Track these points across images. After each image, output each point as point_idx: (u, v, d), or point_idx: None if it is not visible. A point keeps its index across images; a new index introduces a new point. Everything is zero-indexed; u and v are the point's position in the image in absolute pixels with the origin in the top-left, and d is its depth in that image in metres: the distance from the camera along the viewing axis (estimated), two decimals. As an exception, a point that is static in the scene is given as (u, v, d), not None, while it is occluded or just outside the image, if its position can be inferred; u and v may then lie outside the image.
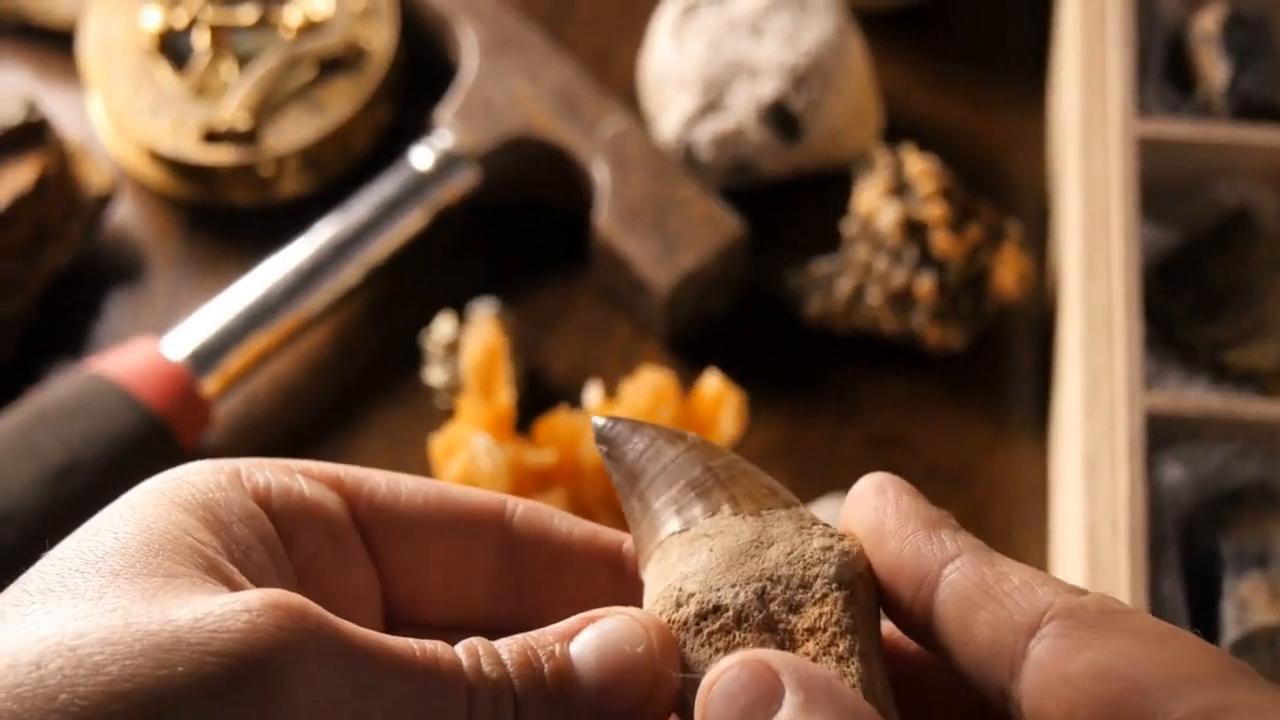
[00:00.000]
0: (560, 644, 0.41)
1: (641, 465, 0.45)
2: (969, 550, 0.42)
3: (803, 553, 0.43)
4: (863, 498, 0.44)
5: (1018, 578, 0.41)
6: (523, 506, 0.46)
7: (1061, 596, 0.40)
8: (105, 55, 0.92)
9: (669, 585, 0.43)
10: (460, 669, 0.40)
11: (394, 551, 0.45)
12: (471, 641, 0.41)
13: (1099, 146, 0.84)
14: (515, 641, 0.41)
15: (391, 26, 0.93)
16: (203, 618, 0.37)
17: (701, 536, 0.44)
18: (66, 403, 0.81)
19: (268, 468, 0.43)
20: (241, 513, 0.42)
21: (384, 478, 0.45)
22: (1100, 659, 0.39)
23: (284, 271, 0.86)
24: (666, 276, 0.86)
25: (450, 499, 0.45)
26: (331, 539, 0.44)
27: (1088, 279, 0.80)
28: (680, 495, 0.44)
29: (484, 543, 0.45)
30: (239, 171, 0.90)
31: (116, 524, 0.40)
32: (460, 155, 0.89)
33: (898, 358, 0.90)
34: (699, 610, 0.42)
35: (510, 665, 0.41)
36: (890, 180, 0.87)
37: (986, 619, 0.41)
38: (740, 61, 0.90)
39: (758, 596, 0.42)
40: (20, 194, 0.86)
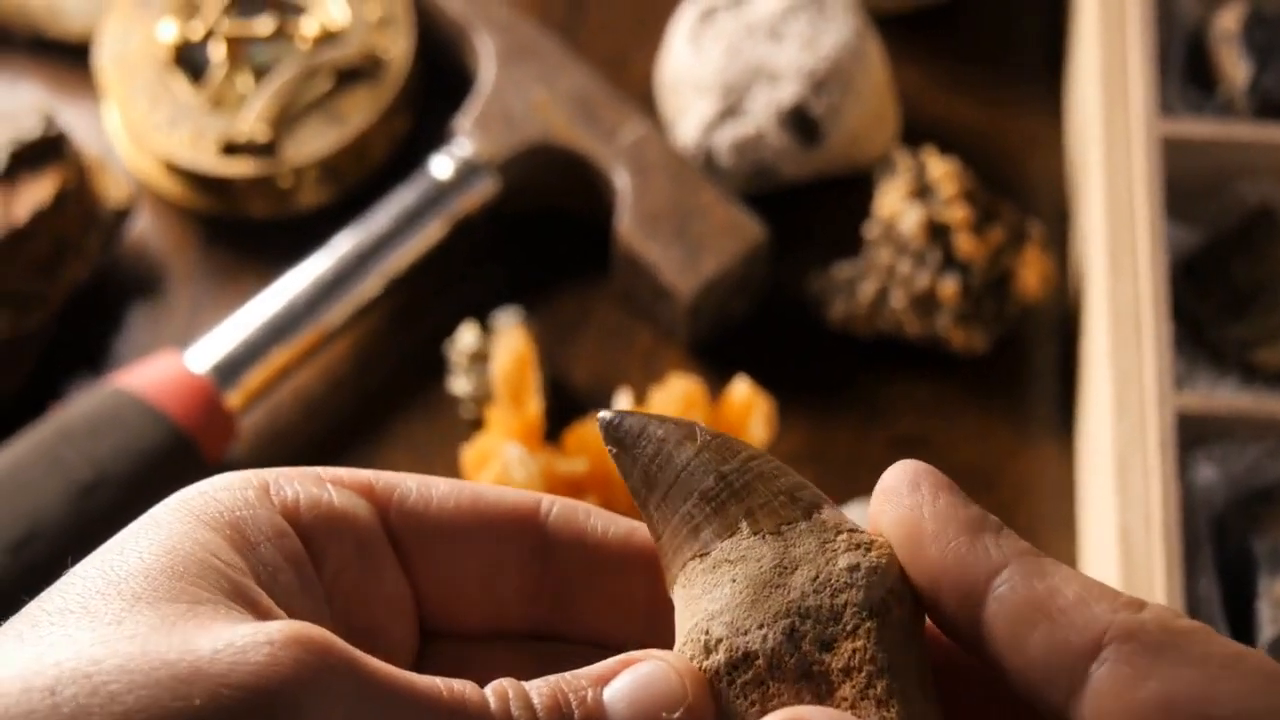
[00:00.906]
0: (594, 689, 0.40)
1: (653, 474, 0.43)
2: (1015, 558, 0.40)
3: (829, 577, 0.41)
4: (895, 494, 0.42)
5: (1071, 591, 0.39)
6: (558, 506, 0.45)
7: (1120, 615, 0.39)
8: (122, 68, 0.91)
9: (696, 626, 0.42)
10: (487, 710, 0.39)
11: (427, 559, 0.44)
12: (502, 683, 0.40)
13: (1121, 146, 0.84)
14: (547, 684, 0.40)
15: (408, 36, 0.93)
16: (223, 649, 0.36)
17: (723, 563, 0.42)
18: (91, 418, 0.80)
19: (296, 479, 0.43)
20: (270, 531, 0.41)
21: (416, 482, 0.44)
22: (1166, 689, 0.38)
23: (306, 283, 0.85)
24: (690, 283, 0.86)
25: (484, 502, 0.44)
26: (361, 550, 0.43)
27: (1114, 280, 0.80)
28: (695, 511, 0.43)
29: (518, 546, 0.44)
30: (257, 183, 0.90)
31: (141, 543, 0.39)
32: (480, 164, 0.89)
33: (921, 360, 0.89)
34: (729, 659, 0.41)
35: (540, 710, 0.40)
36: (912, 183, 0.87)
37: (1041, 639, 0.39)
38: (759, 66, 0.90)
39: (787, 637, 0.41)
40: (40, 208, 0.85)
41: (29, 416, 0.84)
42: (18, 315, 0.85)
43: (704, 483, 0.43)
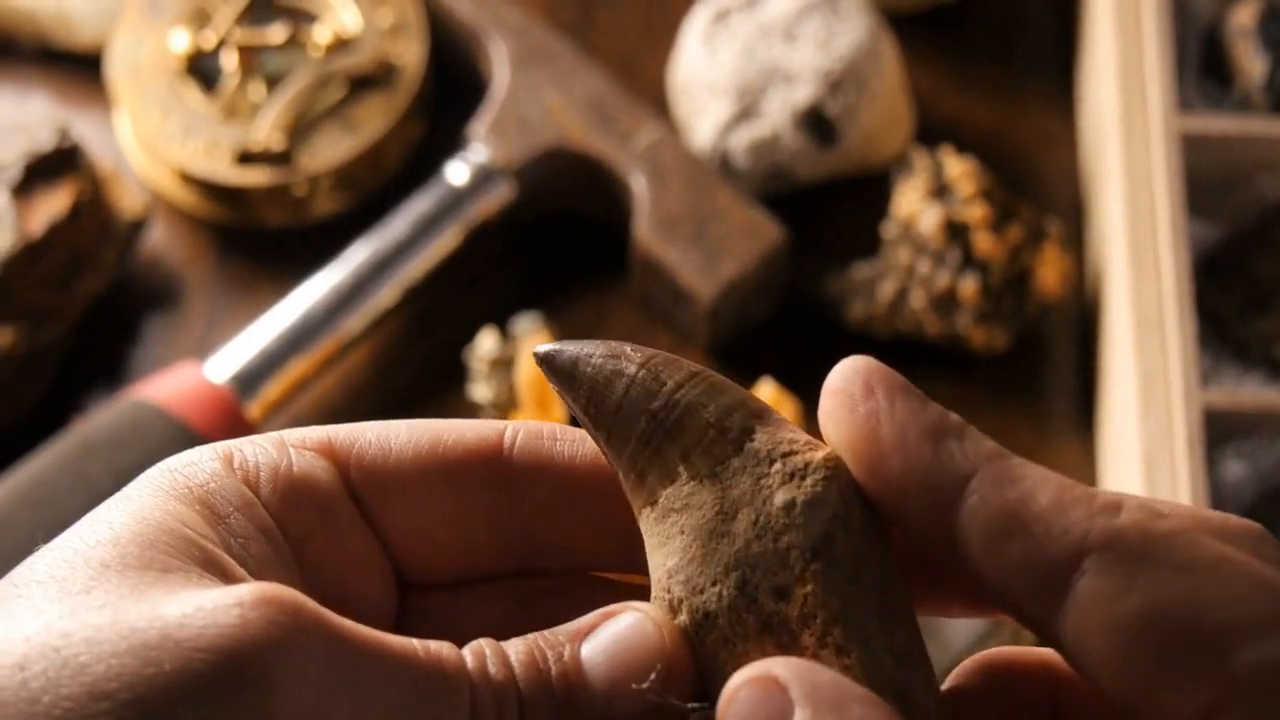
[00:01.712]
0: (571, 644, 0.40)
1: (594, 416, 0.41)
2: (984, 464, 0.38)
3: (768, 520, 0.40)
4: (847, 399, 0.39)
5: (1045, 498, 0.37)
6: (522, 433, 0.43)
7: (1098, 520, 0.37)
8: (134, 78, 0.91)
9: (659, 584, 0.41)
10: (464, 670, 0.38)
11: (392, 512, 0.42)
12: (479, 643, 0.39)
13: (1140, 143, 0.84)
14: (524, 642, 0.40)
15: (421, 42, 0.92)
16: (192, 613, 0.36)
17: (670, 513, 0.41)
18: (113, 431, 0.80)
19: (259, 444, 0.42)
20: (238, 502, 0.40)
21: (375, 433, 0.42)
22: (1150, 599, 0.36)
23: (324, 292, 0.85)
24: (709, 286, 0.86)
25: (443, 442, 0.42)
26: (324, 514, 0.42)
27: (1135, 277, 0.80)
28: (637, 455, 0.41)
29: (484, 483, 0.42)
30: (272, 192, 0.90)
31: (111, 514, 0.39)
32: (495, 169, 0.89)
33: (940, 360, 0.89)
34: (693, 621, 0.40)
35: (517, 667, 0.39)
36: (930, 183, 0.87)
37: (1017, 552, 0.37)
38: (774, 67, 0.90)
39: (740, 591, 0.40)
40: (56, 221, 0.85)
41: (49, 429, 0.83)
42: (35, 329, 0.84)
43: (637, 426, 0.41)
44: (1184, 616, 0.36)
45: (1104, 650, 0.37)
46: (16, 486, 0.78)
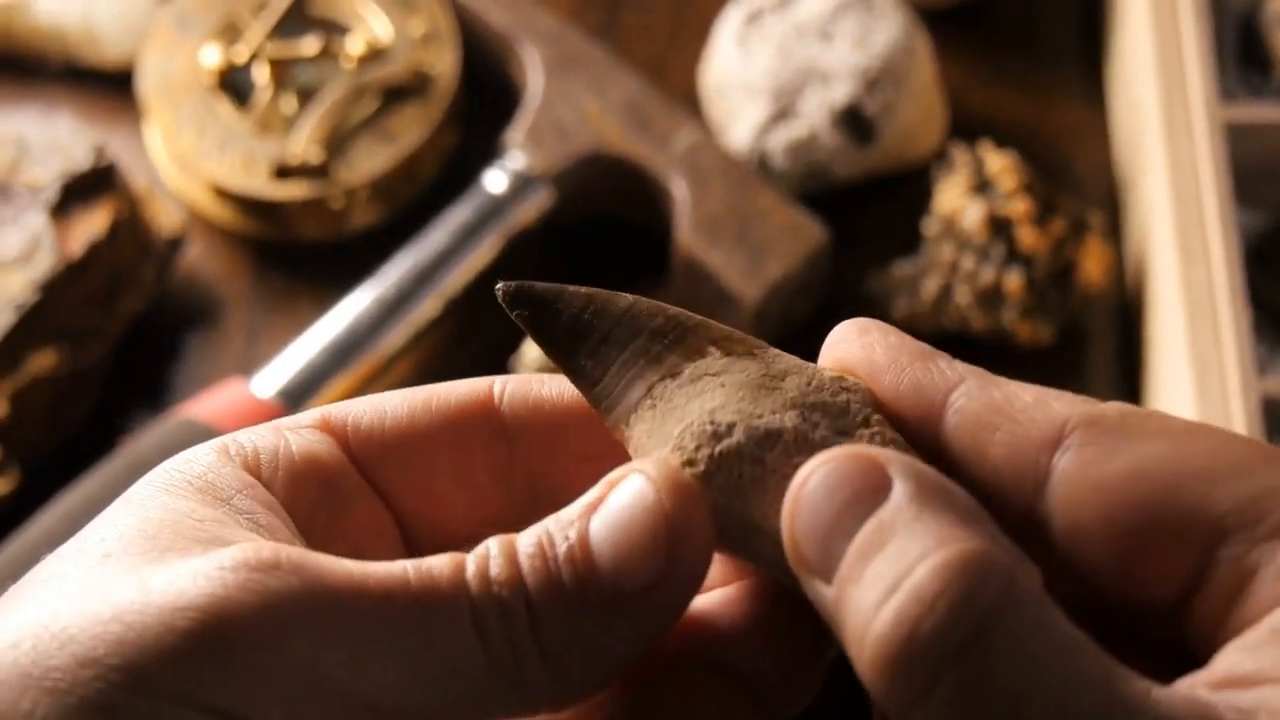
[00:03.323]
0: (580, 521, 0.39)
1: (586, 320, 0.41)
2: (971, 375, 0.40)
3: (821, 382, 0.40)
4: (845, 339, 0.42)
5: (1029, 395, 0.39)
6: (511, 383, 0.43)
7: (1079, 407, 0.39)
8: (166, 95, 0.90)
9: (692, 423, 0.40)
10: (462, 583, 0.38)
11: (394, 477, 0.43)
12: (486, 544, 0.38)
13: (1183, 134, 0.84)
14: (532, 534, 0.39)
15: (454, 50, 0.92)
16: (175, 578, 0.36)
17: (703, 376, 0.41)
18: (163, 450, 0.79)
19: (256, 432, 0.42)
20: (239, 485, 0.40)
21: (368, 404, 0.43)
22: (1132, 462, 0.38)
23: (369, 304, 0.85)
24: (755, 288, 0.85)
25: (436, 402, 0.43)
26: (329, 488, 0.42)
27: (1185, 267, 0.80)
28: (650, 344, 0.41)
29: (479, 435, 0.43)
30: (309, 205, 0.89)
31: (114, 516, 0.39)
32: (533, 176, 0.88)
33: (983, 355, 0.88)
34: (751, 437, 0.39)
35: (524, 560, 0.38)
36: (971, 178, 0.87)
37: (1003, 440, 0.39)
38: (811, 67, 0.90)
39: (803, 420, 0.40)
40: (95, 241, 0.85)
41: (94, 450, 0.83)
42: (77, 350, 0.84)
43: (653, 321, 0.42)
44: (1164, 473, 0.37)
45: (1091, 518, 0.38)
46: (68, 509, 0.78)
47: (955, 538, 0.36)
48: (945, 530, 0.36)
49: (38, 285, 0.83)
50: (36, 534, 0.77)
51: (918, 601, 0.35)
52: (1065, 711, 0.35)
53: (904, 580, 0.35)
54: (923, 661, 0.35)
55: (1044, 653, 0.35)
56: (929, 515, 0.36)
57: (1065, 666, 0.35)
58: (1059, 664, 0.35)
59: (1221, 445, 0.38)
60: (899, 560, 0.36)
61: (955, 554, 0.35)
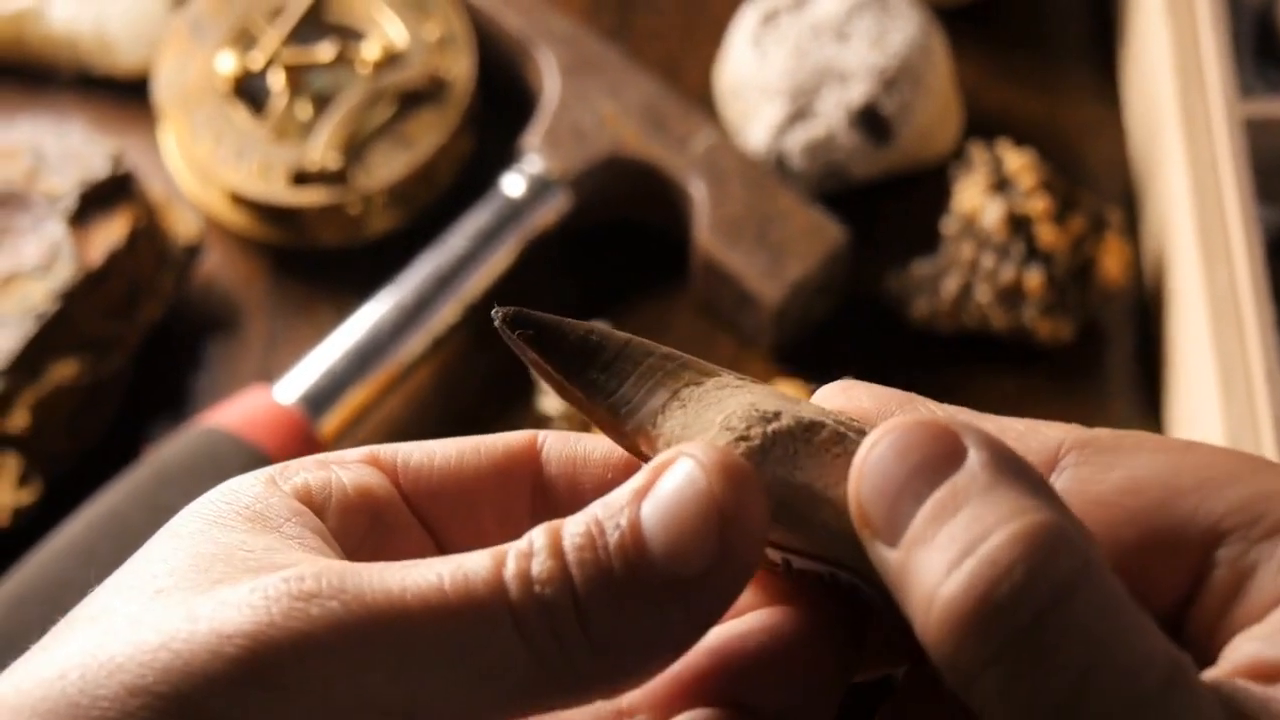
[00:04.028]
0: (631, 506, 0.38)
1: (592, 346, 0.42)
2: (960, 412, 0.40)
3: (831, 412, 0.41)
4: (830, 397, 0.42)
5: (1020, 425, 0.40)
6: (551, 437, 0.44)
7: (1071, 432, 0.39)
8: (182, 102, 0.90)
9: (734, 411, 0.40)
10: (501, 590, 0.37)
11: (442, 514, 0.43)
12: (529, 536, 0.38)
13: (1202, 130, 0.84)
14: (582, 522, 0.38)
15: (469, 54, 0.92)
16: (221, 606, 0.36)
17: (726, 386, 0.41)
18: (188, 459, 0.79)
19: (300, 466, 0.42)
20: (288, 512, 0.40)
21: (415, 446, 0.44)
22: (1129, 475, 0.38)
23: (389, 308, 0.85)
24: (775, 288, 0.85)
25: (484, 448, 0.44)
26: (378, 520, 0.42)
27: (1207, 264, 0.80)
28: (665, 361, 0.41)
29: (523, 484, 0.44)
30: (327, 212, 0.89)
31: (162, 550, 0.39)
32: (552, 180, 0.88)
33: (1003, 353, 0.89)
34: (799, 423, 0.39)
35: (572, 555, 0.37)
36: (990, 177, 0.87)
37: None
38: (828, 67, 0.90)
39: (838, 422, 0.40)
40: (114, 249, 0.84)
41: (115, 460, 0.83)
42: (98, 359, 0.84)
43: (656, 350, 0.42)
44: (1160, 483, 0.38)
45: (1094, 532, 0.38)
46: (94, 519, 0.78)
47: (1032, 508, 0.36)
48: (1021, 500, 0.36)
49: (58, 295, 0.82)
50: (62, 543, 0.77)
51: (993, 566, 0.35)
52: (1130, 689, 0.35)
53: (979, 546, 0.35)
54: (995, 627, 0.35)
55: (1112, 630, 0.35)
56: (1004, 484, 0.36)
57: (1132, 645, 0.35)
58: (1126, 642, 0.35)
59: (1214, 457, 0.39)
60: (973, 526, 0.36)
61: (1033, 523, 0.35)
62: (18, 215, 0.85)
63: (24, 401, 0.81)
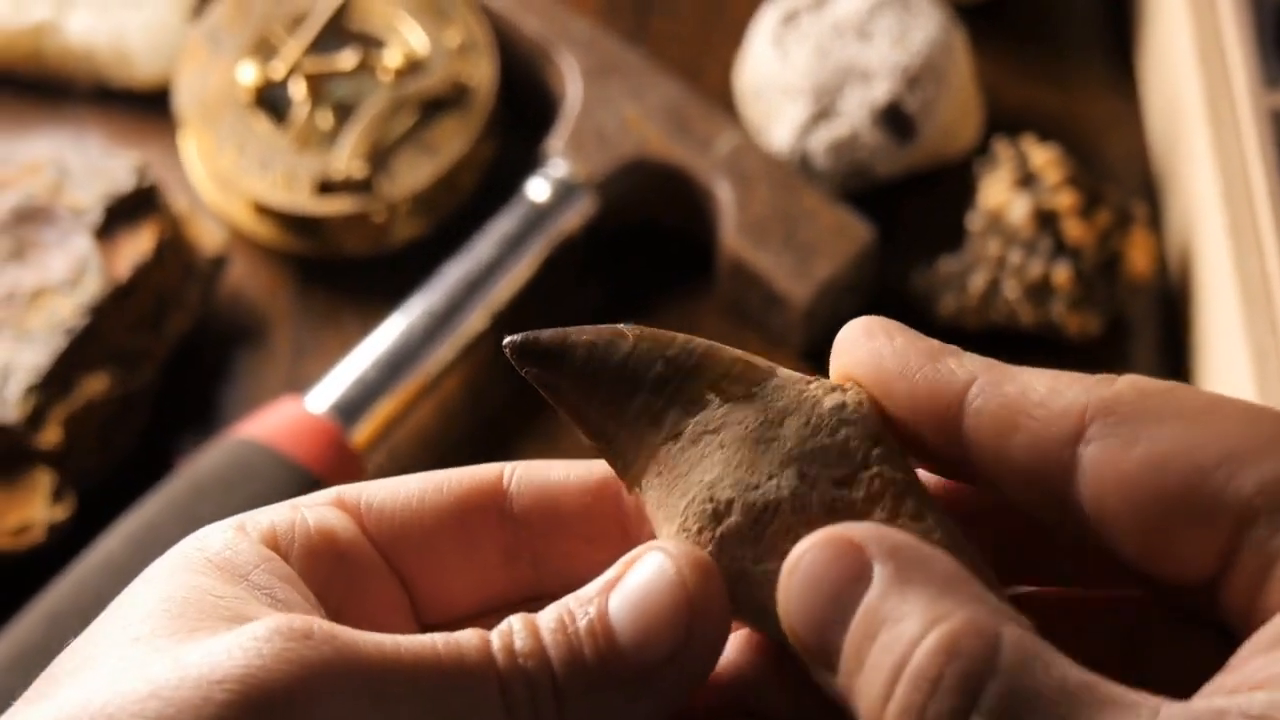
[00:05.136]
0: (600, 598, 0.40)
1: (589, 376, 0.42)
2: (982, 371, 0.41)
3: (820, 419, 0.41)
4: (853, 344, 0.42)
5: (1043, 385, 0.40)
6: (520, 468, 0.44)
7: (1093, 392, 0.39)
8: (204, 114, 0.90)
9: (695, 499, 0.41)
10: (488, 656, 0.39)
11: (407, 554, 0.44)
12: (509, 620, 0.39)
13: (1228, 123, 0.84)
14: (554, 610, 0.40)
15: (490, 60, 0.92)
16: (209, 653, 0.37)
17: (703, 435, 0.41)
18: (222, 471, 0.79)
19: (271, 510, 0.43)
20: (257, 559, 0.41)
21: (381, 485, 0.44)
22: (1153, 449, 0.38)
23: (419, 315, 0.85)
24: (804, 288, 0.85)
25: (448, 485, 0.44)
26: (345, 562, 0.43)
27: (1237, 256, 0.80)
28: (651, 399, 0.41)
29: (489, 519, 0.44)
30: (351, 220, 0.89)
31: (135, 598, 0.40)
32: (576, 184, 0.88)
33: (1031, 348, 0.89)
34: (749, 516, 0.40)
35: (546, 634, 0.39)
36: (1016, 172, 0.87)
37: (1024, 439, 0.39)
38: (850, 66, 0.90)
39: (801, 480, 0.40)
40: (141, 262, 0.84)
41: (146, 474, 0.82)
42: (127, 373, 0.84)
43: (652, 370, 0.42)
44: (1186, 458, 0.38)
45: (1119, 511, 0.38)
46: (130, 532, 0.78)
47: (941, 614, 0.37)
48: (930, 608, 0.37)
49: (87, 309, 0.82)
50: (100, 558, 0.77)
51: (918, 690, 0.36)
52: None
53: (904, 668, 0.36)
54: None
55: (1045, 703, 0.36)
56: (912, 595, 0.37)
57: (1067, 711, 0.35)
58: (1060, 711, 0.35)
59: (1242, 423, 0.38)
60: (894, 647, 0.37)
61: (945, 635, 0.36)
62: (43, 230, 0.85)
63: (55, 417, 0.81)
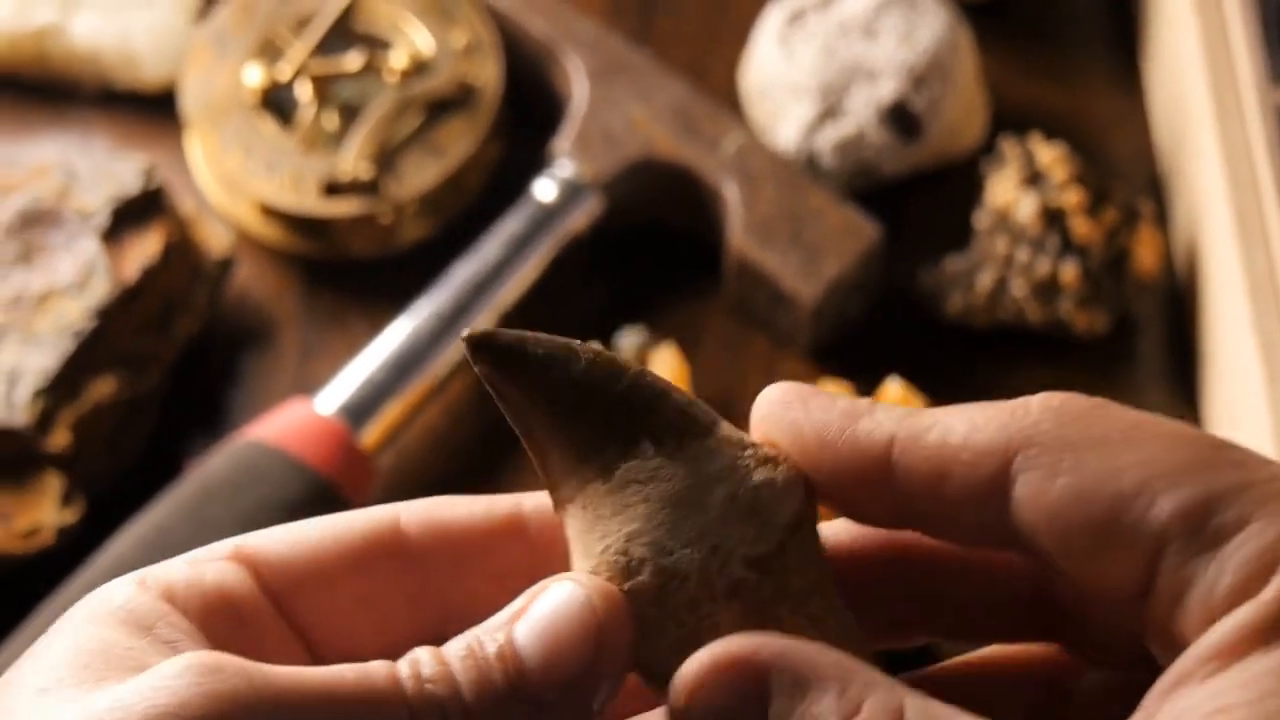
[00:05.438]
0: (506, 629, 0.40)
1: (540, 391, 0.41)
2: (899, 424, 0.41)
3: (746, 495, 0.41)
4: (769, 417, 0.42)
5: (961, 426, 0.40)
6: (416, 507, 0.44)
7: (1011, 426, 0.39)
8: (210, 116, 0.90)
9: (610, 548, 0.41)
10: (397, 684, 0.39)
11: (305, 608, 0.43)
12: (415, 651, 0.40)
13: (1235, 118, 0.84)
14: (461, 640, 0.40)
15: (497, 61, 0.92)
16: (119, 697, 0.37)
17: (631, 483, 0.41)
18: (231, 474, 0.79)
19: (169, 565, 0.43)
20: (158, 613, 0.41)
21: (281, 531, 0.44)
22: (1074, 480, 0.38)
23: (426, 317, 0.84)
24: (812, 287, 0.85)
25: (345, 528, 0.44)
26: (239, 619, 0.42)
27: (1245, 253, 0.80)
28: (592, 432, 0.41)
29: (388, 564, 0.44)
30: (358, 222, 0.89)
31: (41, 650, 0.40)
32: (583, 184, 0.88)
33: (1039, 346, 0.89)
34: (657, 578, 0.40)
35: (455, 662, 0.39)
36: (1023, 171, 0.87)
37: (955, 485, 0.40)
38: (856, 65, 0.90)
39: (712, 555, 0.40)
40: (149, 265, 0.84)
41: (155, 477, 0.82)
42: (135, 376, 0.84)
43: (599, 399, 0.41)
44: (1106, 486, 0.38)
45: (1051, 543, 0.39)
46: (141, 536, 0.78)
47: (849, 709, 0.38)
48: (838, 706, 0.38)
49: (95, 312, 0.82)
50: (110, 561, 0.77)
51: None
52: None
53: None
54: None
55: None
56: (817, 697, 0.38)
57: None
58: None
59: (1162, 447, 0.39)
60: None
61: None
62: (50, 233, 0.85)
63: (64, 421, 0.81)
